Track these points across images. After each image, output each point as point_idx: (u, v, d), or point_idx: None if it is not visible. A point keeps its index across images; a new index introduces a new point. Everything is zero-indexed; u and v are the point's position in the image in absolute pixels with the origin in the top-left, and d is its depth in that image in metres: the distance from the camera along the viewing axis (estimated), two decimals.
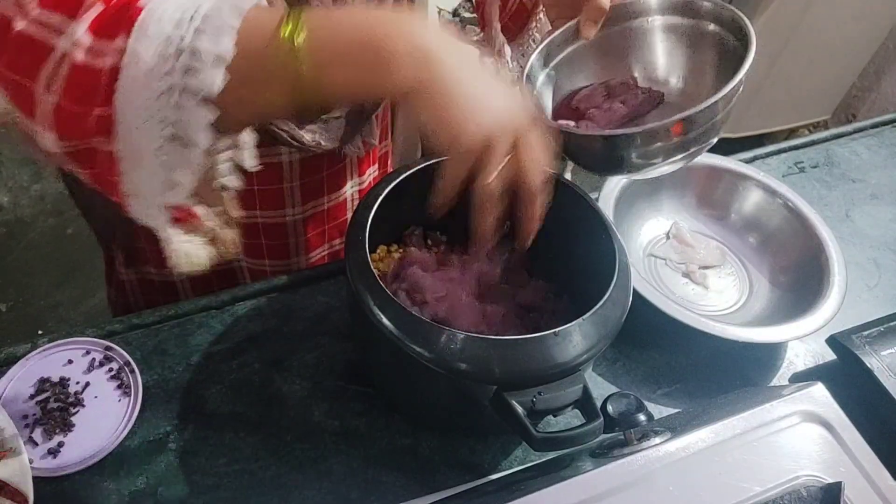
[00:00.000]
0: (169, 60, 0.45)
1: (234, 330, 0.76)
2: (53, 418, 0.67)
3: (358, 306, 0.60)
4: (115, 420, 0.67)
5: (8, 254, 1.91)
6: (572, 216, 0.70)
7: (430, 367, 0.58)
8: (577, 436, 0.55)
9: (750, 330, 0.76)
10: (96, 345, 0.72)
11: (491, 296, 0.72)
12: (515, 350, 0.57)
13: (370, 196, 0.66)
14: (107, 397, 0.69)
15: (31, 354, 0.70)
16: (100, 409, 0.68)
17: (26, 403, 0.67)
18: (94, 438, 0.66)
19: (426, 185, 0.54)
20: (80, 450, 0.65)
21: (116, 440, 0.66)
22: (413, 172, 0.68)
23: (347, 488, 0.66)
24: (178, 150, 0.47)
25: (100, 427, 0.67)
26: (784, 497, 0.51)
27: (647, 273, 0.88)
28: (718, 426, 0.55)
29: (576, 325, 0.59)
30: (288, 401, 0.71)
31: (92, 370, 0.70)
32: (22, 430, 0.65)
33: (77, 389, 0.69)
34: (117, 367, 0.70)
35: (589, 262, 0.69)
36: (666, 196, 0.94)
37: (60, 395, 0.68)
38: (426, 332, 0.58)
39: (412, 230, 0.77)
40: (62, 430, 0.66)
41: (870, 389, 0.73)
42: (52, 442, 0.65)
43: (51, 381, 0.69)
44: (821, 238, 0.85)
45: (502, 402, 0.57)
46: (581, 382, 0.58)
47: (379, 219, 0.65)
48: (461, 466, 0.69)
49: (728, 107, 0.65)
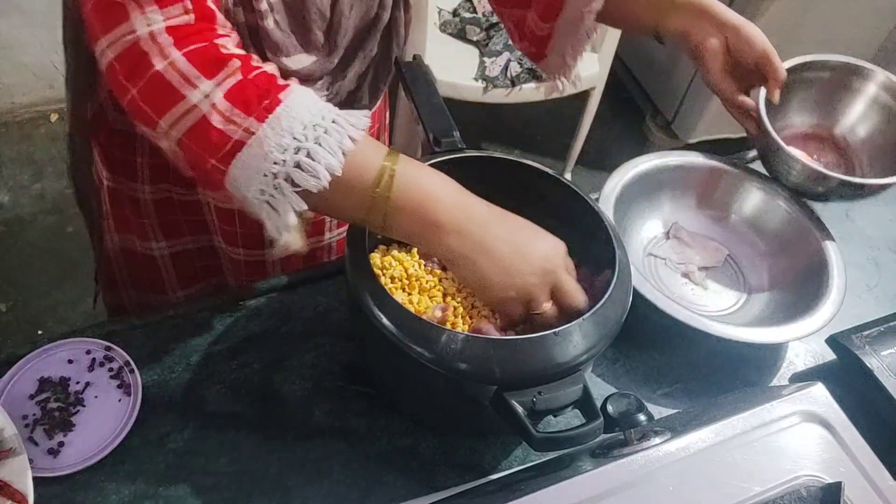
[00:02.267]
0: (287, 152, 0.54)
1: (234, 330, 0.76)
2: (53, 418, 0.66)
3: (358, 306, 0.60)
4: (115, 420, 0.67)
5: (7, 252, 1.91)
6: (572, 216, 0.70)
7: (431, 367, 0.58)
8: (577, 436, 0.55)
9: (750, 330, 0.76)
10: (96, 345, 0.72)
11: None
12: (516, 350, 0.57)
13: None
14: (107, 397, 0.68)
15: (32, 354, 0.70)
16: (100, 408, 0.68)
17: (27, 403, 0.67)
18: (95, 438, 0.66)
19: None
20: (81, 449, 0.65)
21: (116, 440, 0.66)
22: None
23: (347, 488, 0.66)
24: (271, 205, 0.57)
25: (100, 427, 0.67)
26: (784, 497, 0.51)
27: (646, 273, 0.88)
28: (718, 426, 0.55)
29: (576, 324, 0.59)
30: (288, 401, 0.71)
31: (92, 370, 0.70)
32: (22, 430, 0.65)
33: (77, 389, 0.69)
34: (117, 366, 0.70)
35: (589, 261, 0.69)
36: (666, 196, 0.94)
37: (60, 395, 0.68)
38: (426, 332, 0.58)
39: None
40: (62, 430, 0.66)
41: (870, 389, 0.73)
42: (53, 442, 0.65)
43: (51, 381, 0.69)
44: (820, 238, 0.85)
45: (502, 403, 0.57)
46: (581, 382, 0.58)
47: None
48: (461, 466, 0.69)
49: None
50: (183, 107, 0.54)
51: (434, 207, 0.58)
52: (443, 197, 0.59)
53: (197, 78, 0.54)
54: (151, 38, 0.54)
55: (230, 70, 0.55)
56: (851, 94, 0.94)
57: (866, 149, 0.94)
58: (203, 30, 0.56)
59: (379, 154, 0.58)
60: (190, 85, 0.54)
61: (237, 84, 0.55)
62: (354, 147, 0.56)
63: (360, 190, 0.57)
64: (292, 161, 0.54)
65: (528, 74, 1.85)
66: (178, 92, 0.54)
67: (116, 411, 0.68)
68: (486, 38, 1.92)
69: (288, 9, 0.70)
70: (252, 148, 0.54)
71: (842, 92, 0.94)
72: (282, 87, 0.56)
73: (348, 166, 0.56)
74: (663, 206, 0.94)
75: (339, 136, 0.56)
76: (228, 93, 0.54)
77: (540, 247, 0.62)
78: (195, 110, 0.54)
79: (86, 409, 0.68)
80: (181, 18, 0.55)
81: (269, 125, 0.54)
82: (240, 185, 0.55)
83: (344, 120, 0.57)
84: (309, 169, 0.55)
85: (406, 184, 0.58)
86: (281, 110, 0.55)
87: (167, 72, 0.54)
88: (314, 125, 0.55)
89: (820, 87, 0.94)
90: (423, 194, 0.59)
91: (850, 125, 0.95)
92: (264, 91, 0.55)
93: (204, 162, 0.55)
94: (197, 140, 0.55)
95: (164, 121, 0.55)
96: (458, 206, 0.59)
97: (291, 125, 0.54)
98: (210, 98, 0.54)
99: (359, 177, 0.57)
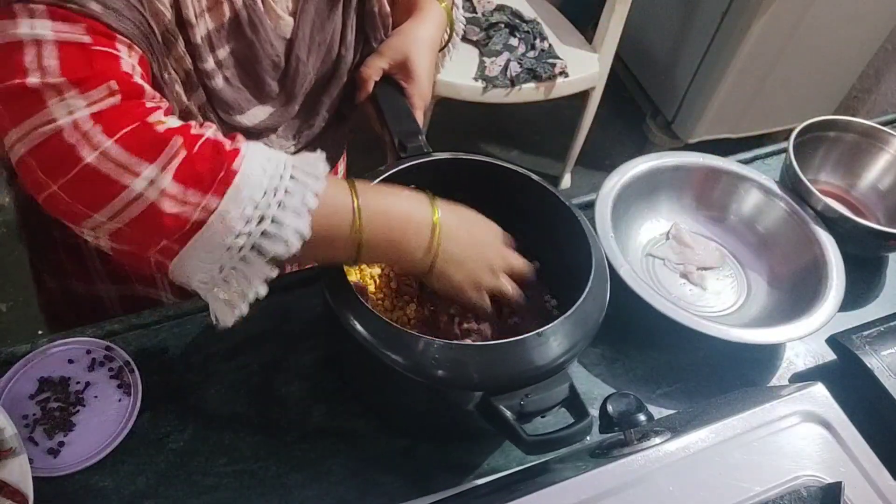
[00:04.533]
0: (251, 223, 0.51)
1: (234, 330, 0.75)
2: (54, 418, 0.66)
3: (334, 317, 0.60)
4: (115, 420, 0.67)
5: (8, 254, 1.91)
6: (546, 215, 0.71)
7: (409, 375, 0.57)
8: (568, 436, 0.55)
9: (748, 331, 0.76)
10: (96, 344, 0.72)
11: None
12: (500, 354, 0.57)
13: None
14: (107, 397, 0.68)
15: (32, 354, 0.70)
16: (100, 408, 0.68)
17: (27, 403, 0.67)
18: (95, 438, 0.66)
19: None
20: (81, 449, 0.65)
21: (117, 439, 0.66)
22: (386, 177, 0.68)
23: (346, 489, 0.66)
24: (223, 284, 0.54)
25: (100, 426, 0.67)
26: (784, 497, 0.51)
27: (644, 273, 0.88)
28: (718, 426, 0.54)
29: (558, 324, 0.59)
30: (287, 401, 0.71)
31: (93, 370, 0.70)
32: (22, 430, 0.65)
33: (78, 389, 0.69)
34: (117, 366, 0.70)
35: (566, 261, 0.69)
36: (664, 197, 0.94)
37: (61, 394, 0.68)
38: (403, 340, 0.58)
39: None
40: (62, 430, 0.66)
41: (870, 389, 0.73)
42: (53, 441, 0.65)
43: (51, 381, 0.69)
44: (819, 239, 0.85)
45: (490, 408, 0.56)
46: (567, 381, 0.58)
47: None
48: (459, 467, 0.69)
49: None
50: (126, 197, 0.49)
51: (403, 232, 0.59)
52: (408, 217, 0.60)
53: (137, 164, 0.49)
54: (75, 126, 0.48)
55: (172, 149, 0.50)
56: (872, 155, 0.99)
57: (882, 206, 0.99)
58: (131, 108, 0.51)
59: (343, 196, 0.57)
60: (130, 173, 0.49)
61: (184, 162, 0.50)
62: (318, 201, 0.54)
63: (332, 240, 0.57)
64: (258, 231, 0.51)
65: (528, 74, 1.85)
66: (117, 183, 0.49)
67: (117, 411, 0.67)
68: (486, 38, 1.92)
69: (238, 63, 0.68)
70: (213, 226, 0.50)
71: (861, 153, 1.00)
72: (233, 154, 0.52)
73: (317, 223, 0.54)
74: (662, 207, 0.94)
75: (300, 194, 0.53)
76: (177, 174, 0.50)
77: (491, 239, 0.66)
78: (140, 199, 0.49)
79: (86, 409, 0.68)
80: (107, 101, 0.49)
81: (229, 199, 0.50)
82: (190, 266, 0.52)
83: (302, 173, 0.54)
84: (277, 235, 0.52)
85: (372, 217, 0.57)
86: (239, 180, 0.51)
87: (100, 163, 0.48)
88: (274, 188, 0.52)
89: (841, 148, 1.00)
90: (390, 223, 0.59)
91: (868, 184, 1.00)
92: (216, 163, 0.51)
93: (150, 246, 0.52)
94: (145, 228, 0.51)
95: (100, 214, 0.50)
96: (424, 224, 0.60)
97: (252, 193, 0.51)
98: (157, 184, 0.49)
99: (328, 229, 0.56)
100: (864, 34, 2.14)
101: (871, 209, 0.99)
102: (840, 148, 0.99)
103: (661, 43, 2.35)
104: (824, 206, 0.87)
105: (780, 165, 0.96)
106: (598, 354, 0.80)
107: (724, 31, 2.07)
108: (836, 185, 1.01)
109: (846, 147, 0.99)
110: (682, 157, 0.93)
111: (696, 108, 2.24)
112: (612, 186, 0.86)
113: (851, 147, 0.99)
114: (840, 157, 1.00)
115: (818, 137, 0.98)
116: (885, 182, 0.98)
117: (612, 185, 0.86)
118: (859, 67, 2.28)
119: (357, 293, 0.60)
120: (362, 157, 1.00)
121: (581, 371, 0.78)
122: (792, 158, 0.90)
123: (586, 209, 0.86)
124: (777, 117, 2.32)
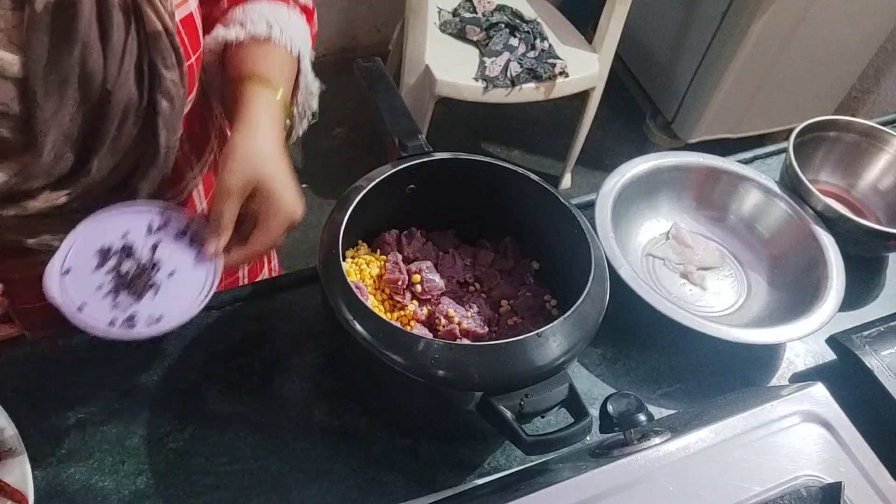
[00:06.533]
0: None
1: (234, 330, 0.76)
2: (133, 282, 0.60)
3: (334, 317, 0.60)
4: (199, 275, 0.63)
5: None
6: (546, 215, 0.71)
7: (408, 375, 0.57)
8: (567, 436, 0.55)
9: (748, 331, 0.76)
10: (151, 207, 0.64)
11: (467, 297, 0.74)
12: (500, 354, 0.57)
13: (340, 209, 0.66)
14: (181, 255, 0.63)
15: (79, 227, 0.62)
16: (178, 266, 0.62)
17: (94, 274, 0.60)
18: (188, 293, 0.62)
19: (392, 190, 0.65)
20: (176, 307, 0.60)
21: (210, 293, 0.62)
22: (386, 177, 0.68)
23: (347, 488, 0.66)
24: None
25: (187, 283, 0.62)
26: (784, 497, 0.51)
27: (644, 273, 0.88)
28: (718, 426, 0.54)
29: (557, 324, 0.59)
30: (288, 401, 0.71)
31: (158, 231, 0.64)
32: (101, 301, 0.59)
33: (146, 253, 0.62)
34: (183, 225, 0.64)
35: (566, 261, 0.69)
36: (664, 197, 0.94)
37: (130, 259, 0.62)
38: (403, 340, 0.58)
39: (389, 233, 0.77)
40: (144, 293, 0.60)
41: (870, 389, 0.73)
42: (139, 305, 0.59)
43: (113, 250, 0.62)
44: (819, 239, 0.85)
45: (490, 408, 0.56)
46: (567, 381, 0.58)
47: None
48: (461, 466, 0.69)
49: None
50: None
51: None
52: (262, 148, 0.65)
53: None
54: None
55: None
56: (871, 156, 1.00)
57: (882, 206, 1.00)
58: None
59: None
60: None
61: None
62: None
63: None
64: None
65: (528, 74, 1.85)
66: None
67: (197, 273, 0.63)
68: (486, 38, 1.92)
69: None
70: None
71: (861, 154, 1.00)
72: None
73: None
74: (662, 207, 0.94)
75: None
76: None
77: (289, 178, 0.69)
78: None
79: (164, 267, 0.62)
80: None
81: None
82: None
83: None
84: None
85: None
86: None
87: None
88: None
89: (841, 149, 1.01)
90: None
91: (868, 184, 1.01)
92: None
93: None
94: None
95: None
96: None
97: None
98: None
99: None
100: (864, 34, 2.14)
101: (871, 209, 0.99)
102: (840, 148, 1.00)
103: (661, 43, 2.36)
104: (824, 206, 0.87)
105: (780, 165, 0.96)
106: (598, 354, 0.80)
107: (724, 31, 2.07)
108: (836, 185, 1.01)
109: (846, 147, 0.99)
110: (681, 157, 0.93)
111: (696, 108, 2.24)
112: (612, 186, 0.86)
113: (851, 147, 0.99)
114: (840, 157, 1.00)
115: (818, 137, 0.98)
116: (885, 182, 0.98)
117: (612, 185, 0.86)
118: (859, 67, 2.28)
119: (357, 293, 0.60)
120: (362, 157, 0.99)
121: (581, 371, 0.78)
122: (792, 158, 0.90)
123: (586, 209, 0.86)
124: (777, 117, 2.32)
